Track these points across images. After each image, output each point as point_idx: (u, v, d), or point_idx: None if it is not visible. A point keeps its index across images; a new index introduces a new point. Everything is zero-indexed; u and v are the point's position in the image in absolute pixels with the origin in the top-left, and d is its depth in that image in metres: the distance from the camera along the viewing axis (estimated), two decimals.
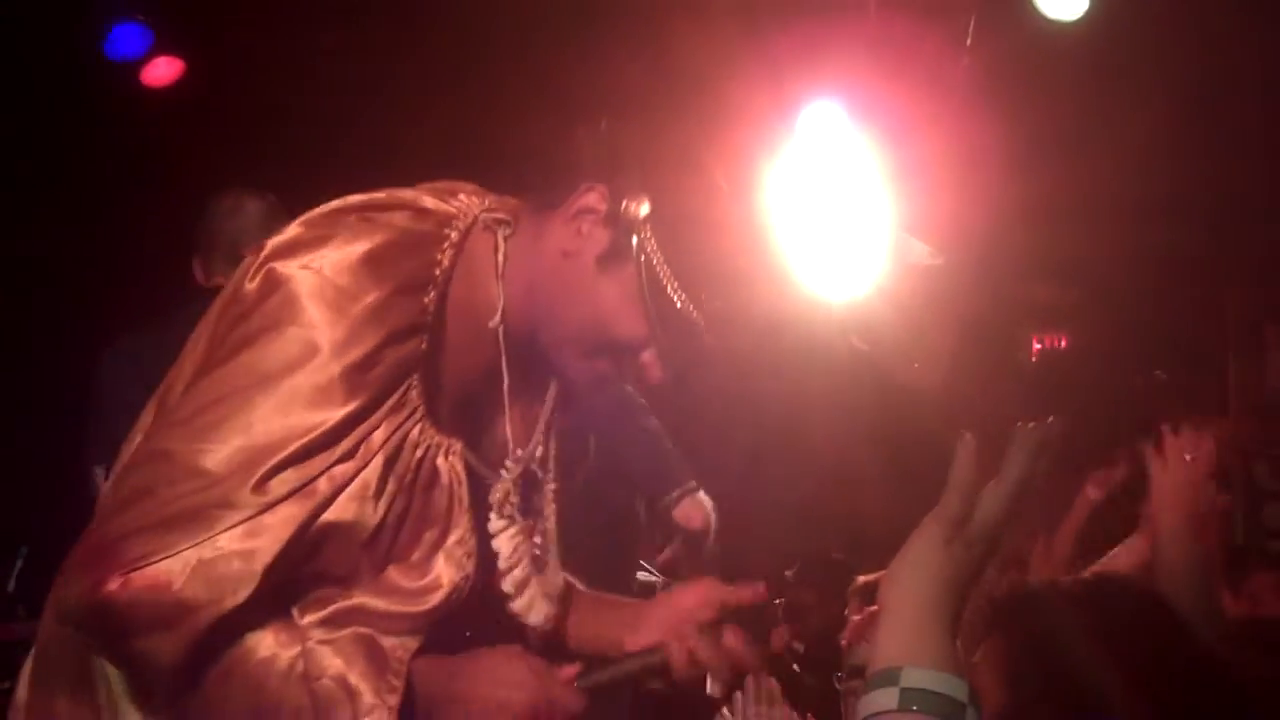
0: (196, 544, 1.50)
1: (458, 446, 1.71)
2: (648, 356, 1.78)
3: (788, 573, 4.15)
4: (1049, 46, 4.71)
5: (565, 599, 1.94)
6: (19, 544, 5.11)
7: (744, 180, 1.90)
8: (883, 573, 1.38)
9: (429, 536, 1.68)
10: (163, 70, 5.46)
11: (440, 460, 1.69)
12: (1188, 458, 2.41)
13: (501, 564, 1.75)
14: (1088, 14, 4.55)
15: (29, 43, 5.18)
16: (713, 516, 3.86)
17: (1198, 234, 5.41)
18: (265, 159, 5.54)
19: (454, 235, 1.72)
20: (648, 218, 1.71)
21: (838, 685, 2.73)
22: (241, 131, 5.54)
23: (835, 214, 4.48)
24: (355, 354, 1.59)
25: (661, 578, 4.00)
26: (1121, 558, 2.72)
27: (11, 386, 5.52)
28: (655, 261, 1.71)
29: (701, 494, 3.74)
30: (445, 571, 1.67)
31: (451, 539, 1.69)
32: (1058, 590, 1.85)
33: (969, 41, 4.66)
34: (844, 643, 2.79)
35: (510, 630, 1.80)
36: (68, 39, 5.27)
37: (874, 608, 2.62)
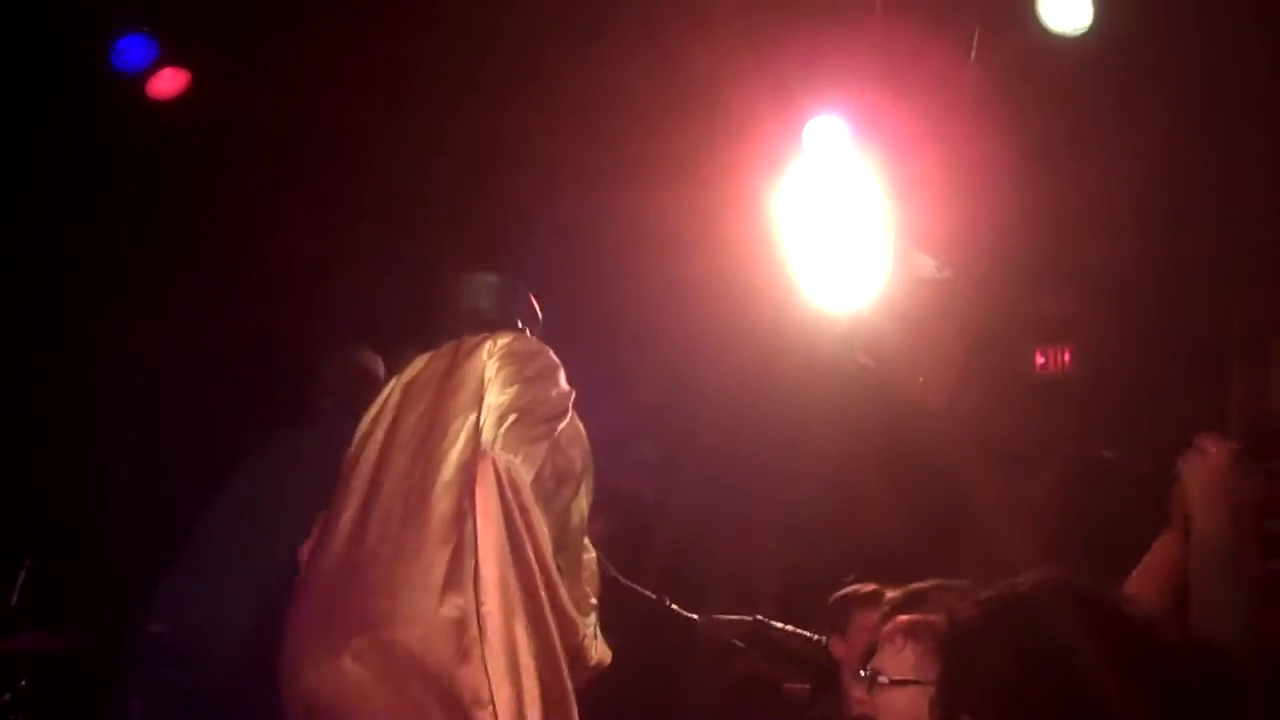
0: None
1: None
2: None
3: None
4: (1053, 59, 4.71)
5: None
6: (22, 557, 5.10)
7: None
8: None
9: None
10: (169, 81, 5.46)
11: None
12: (1213, 450, 2.46)
13: None
14: (1091, 26, 4.55)
15: (36, 53, 5.19)
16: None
17: (1201, 244, 5.40)
18: (270, 170, 5.56)
19: None
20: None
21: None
22: (247, 142, 5.54)
23: (840, 228, 4.48)
24: None
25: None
26: (1157, 553, 2.73)
27: (13, 398, 5.53)
28: None
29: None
30: None
31: None
32: (996, 609, 1.86)
33: (973, 54, 4.66)
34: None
35: None
36: (74, 50, 5.28)
37: (904, 617, 2.65)
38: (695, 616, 4.50)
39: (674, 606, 4.41)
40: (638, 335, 5.73)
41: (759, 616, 4.47)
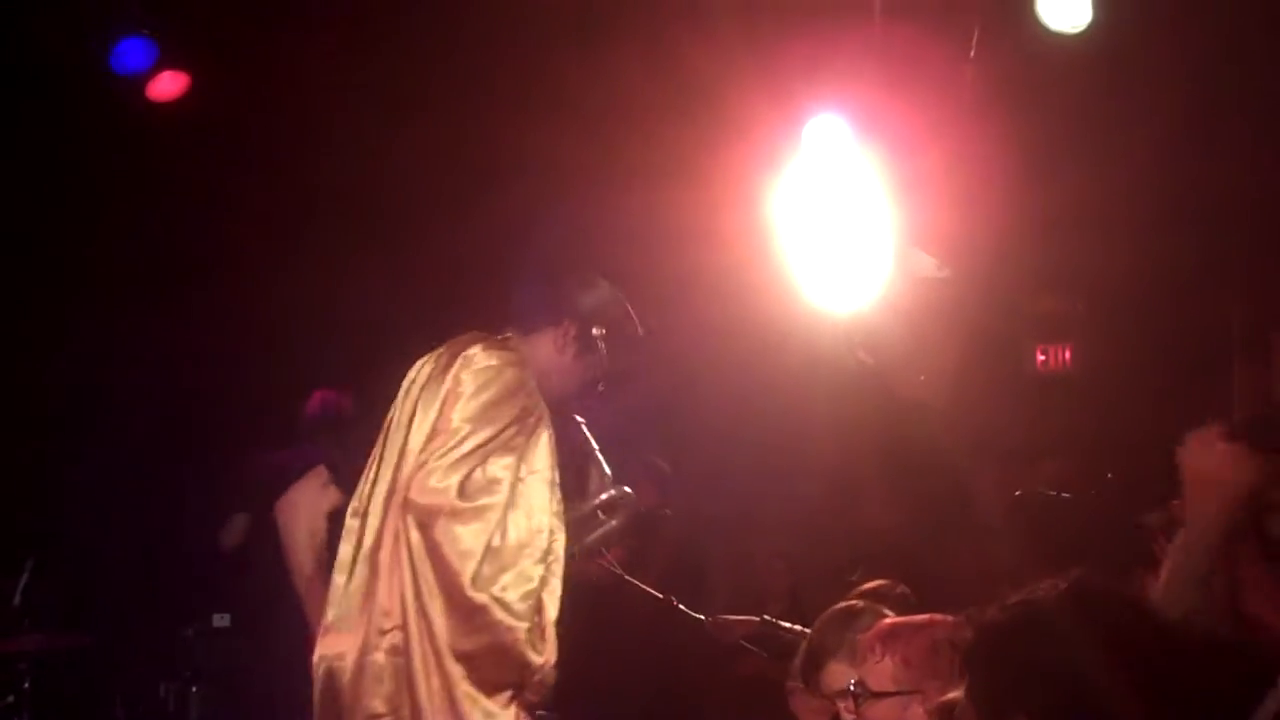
0: None
1: None
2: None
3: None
4: (1052, 58, 4.71)
5: None
6: (25, 558, 5.11)
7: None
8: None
9: None
10: (168, 84, 5.47)
11: None
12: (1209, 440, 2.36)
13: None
14: (1091, 26, 4.55)
15: (36, 57, 5.19)
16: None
17: (1202, 243, 5.40)
18: (269, 172, 5.57)
19: None
20: (601, 336, 3.26)
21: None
22: (246, 145, 5.55)
23: (840, 227, 4.48)
24: None
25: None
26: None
27: (14, 398, 5.54)
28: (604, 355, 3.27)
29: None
30: None
31: None
32: (1040, 606, 1.85)
33: (972, 54, 4.67)
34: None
35: None
36: (74, 53, 5.29)
37: (886, 621, 2.62)
38: (702, 616, 4.50)
39: (681, 606, 4.40)
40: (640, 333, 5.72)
41: (765, 616, 4.46)
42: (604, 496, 3.32)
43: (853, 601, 3.04)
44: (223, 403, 5.95)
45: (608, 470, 3.39)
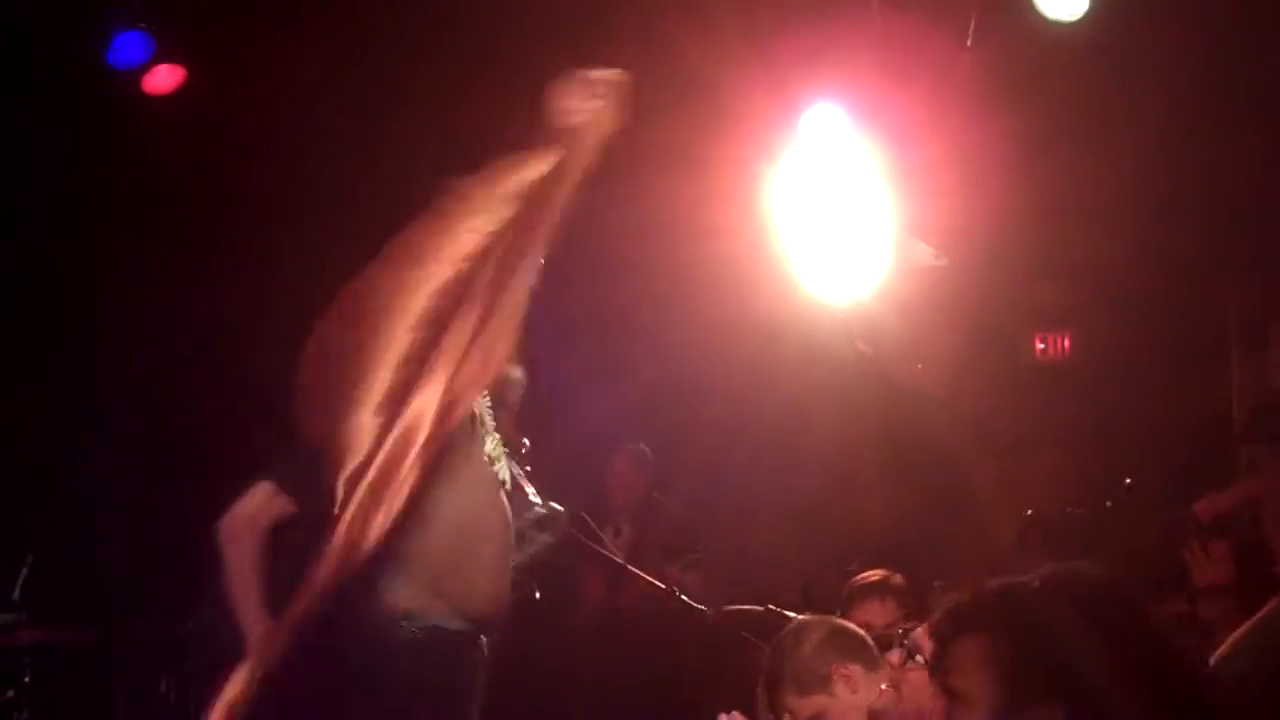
0: None
1: None
2: None
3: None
4: (1049, 47, 4.71)
5: None
6: (24, 552, 5.11)
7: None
8: None
9: None
10: (164, 78, 5.46)
11: None
12: None
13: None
14: (1088, 14, 4.55)
15: (32, 50, 5.19)
16: None
17: (1200, 233, 5.41)
18: (265, 166, 5.56)
19: None
20: None
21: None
22: (242, 139, 5.54)
23: (838, 216, 4.48)
24: None
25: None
26: None
27: (13, 394, 5.53)
28: None
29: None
30: None
31: None
32: (1037, 585, 1.85)
33: (970, 43, 4.66)
34: None
35: None
36: (70, 47, 5.28)
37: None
38: (704, 608, 4.50)
39: (683, 597, 4.41)
40: (639, 326, 5.73)
41: (770, 606, 4.47)
42: (536, 513, 3.31)
43: (805, 617, 3.04)
44: (221, 398, 5.94)
45: (532, 493, 3.36)
